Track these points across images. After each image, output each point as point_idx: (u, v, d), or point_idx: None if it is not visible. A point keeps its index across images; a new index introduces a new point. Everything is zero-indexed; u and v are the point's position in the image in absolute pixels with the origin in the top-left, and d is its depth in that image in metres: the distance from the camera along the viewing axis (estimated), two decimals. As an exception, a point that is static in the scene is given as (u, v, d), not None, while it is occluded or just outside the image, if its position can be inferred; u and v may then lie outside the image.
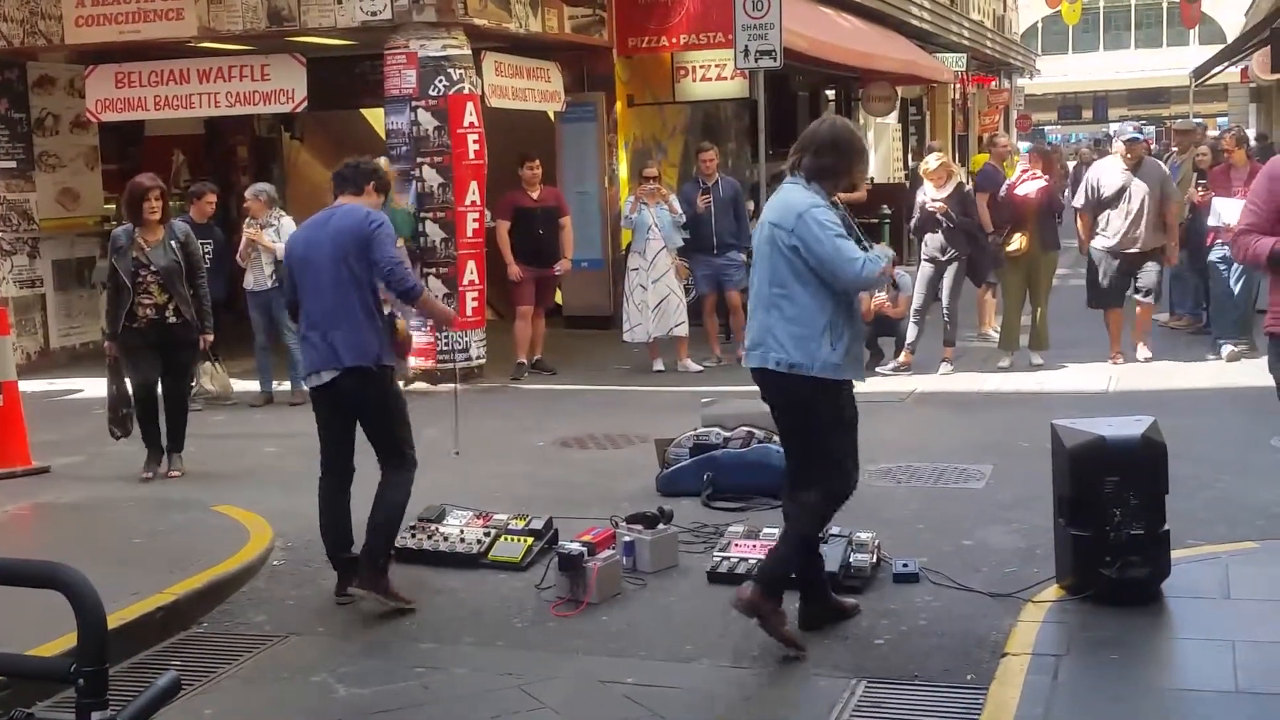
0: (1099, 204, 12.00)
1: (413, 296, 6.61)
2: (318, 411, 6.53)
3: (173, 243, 8.94)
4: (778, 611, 5.54)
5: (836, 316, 5.57)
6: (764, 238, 5.68)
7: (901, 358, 12.32)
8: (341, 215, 6.44)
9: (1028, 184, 12.12)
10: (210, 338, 9.31)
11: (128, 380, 9.01)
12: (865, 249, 5.62)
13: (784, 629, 5.53)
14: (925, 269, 12.35)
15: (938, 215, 12.08)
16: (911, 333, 12.32)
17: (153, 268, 8.81)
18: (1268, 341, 5.44)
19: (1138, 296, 12.27)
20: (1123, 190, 11.83)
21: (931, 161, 12.68)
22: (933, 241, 12.26)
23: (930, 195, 12.23)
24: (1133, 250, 11.92)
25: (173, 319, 8.88)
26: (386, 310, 6.61)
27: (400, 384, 6.89)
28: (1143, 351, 12.33)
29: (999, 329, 13.48)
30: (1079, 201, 12.46)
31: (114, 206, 15.67)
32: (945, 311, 12.32)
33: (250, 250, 11.35)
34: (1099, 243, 12.11)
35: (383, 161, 8.52)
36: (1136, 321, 12.47)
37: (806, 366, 5.52)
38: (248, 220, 11.66)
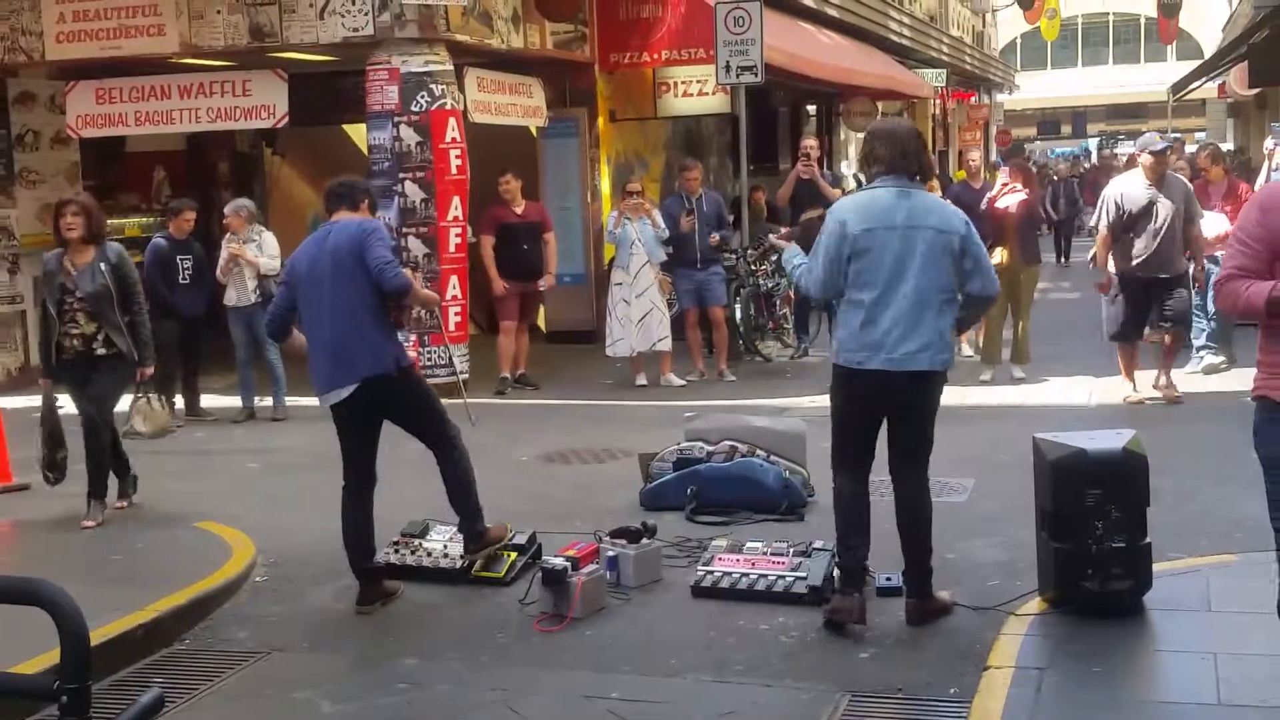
0: (1124, 224, 10.64)
1: (403, 293, 6.63)
2: (339, 425, 6.57)
3: (103, 265, 8.01)
4: (937, 596, 6.00)
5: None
6: (923, 242, 5.74)
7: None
8: (338, 230, 6.52)
9: (1007, 197, 12.16)
10: (149, 371, 8.38)
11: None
12: None
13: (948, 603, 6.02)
14: None
15: None
16: None
17: (78, 294, 7.96)
18: (1256, 405, 4.52)
19: (1165, 325, 10.98)
20: (1149, 208, 10.49)
21: None
22: None
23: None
24: (1162, 275, 10.64)
25: (102, 350, 8.04)
26: None
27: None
28: (1171, 381, 11.21)
29: (973, 342, 13.54)
30: (1100, 222, 10.96)
31: (95, 222, 15.70)
32: None
33: (231, 266, 11.33)
34: (1120, 267, 10.77)
35: None
36: (1165, 351, 11.28)
37: (947, 363, 5.95)
38: (228, 236, 11.63)
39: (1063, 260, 24.31)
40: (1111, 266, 10.85)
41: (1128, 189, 10.73)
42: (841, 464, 6.09)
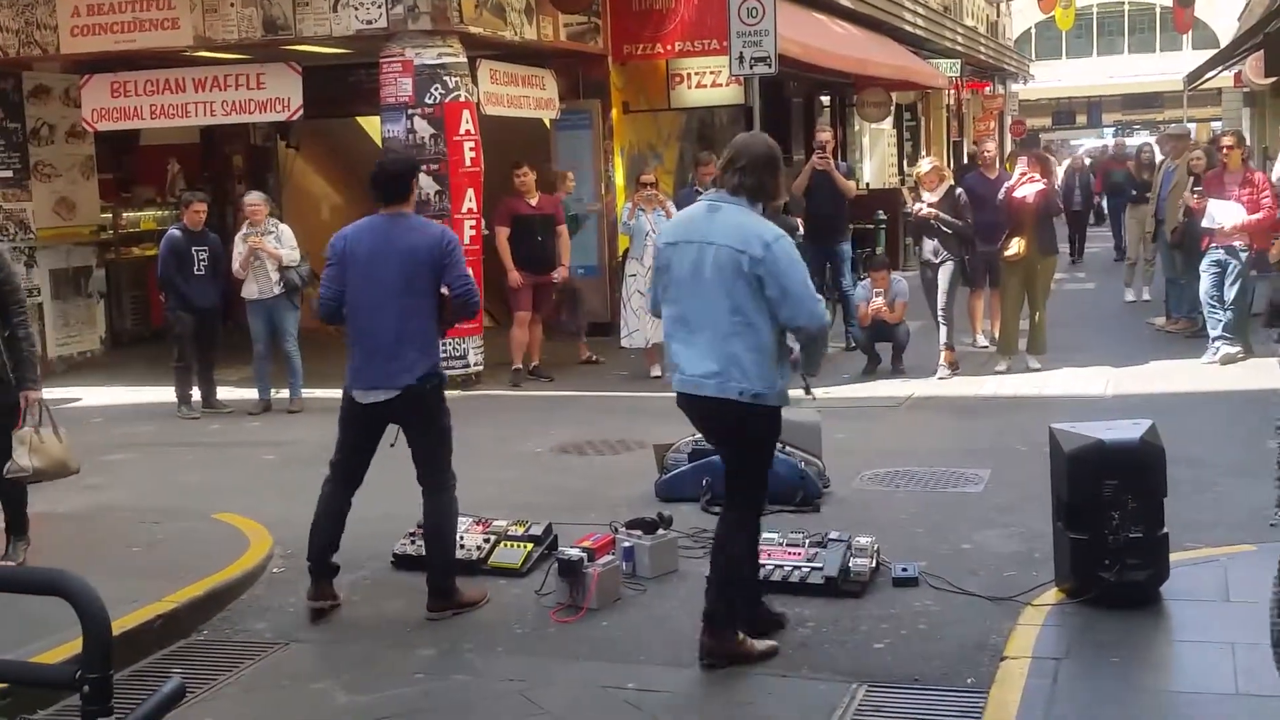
0: None
1: (473, 315, 6.57)
2: (353, 424, 6.41)
3: None
4: (743, 641, 5.48)
5: (782, 346, 5.47)
6: (715, 261, 5.34)
7: (945, 358, 12.27)
8: (409, 230, 6.34)
9: (1026, 187, 12.11)
10: (34, 395, 6.85)
11: None
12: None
13: (757, 649, 5.49)
14: (925, 273, 12.41)
15: (931, 221, 12.10)
16: (943, 333, 12.31)
17: None
18: None
19: None
20: None
21: (924, 165, 12.86)
22: (927, 245, 12.34)
23: (924, 199, 12.30)
24: None
25: None
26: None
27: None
28: None
29: (987, 332, 13.56)
30: None
31: (110, 216, 15.75)
32: (940, 315, 12.31)
33: (251, 259, 11.34)
34: None
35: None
36: None
37: (768, 397, 5.38)
38: (246, 228, 11.63)
39: (1076, 257, 22.93)
40: None
41: None
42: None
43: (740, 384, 5.31)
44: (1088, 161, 26.43)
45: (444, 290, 6.33)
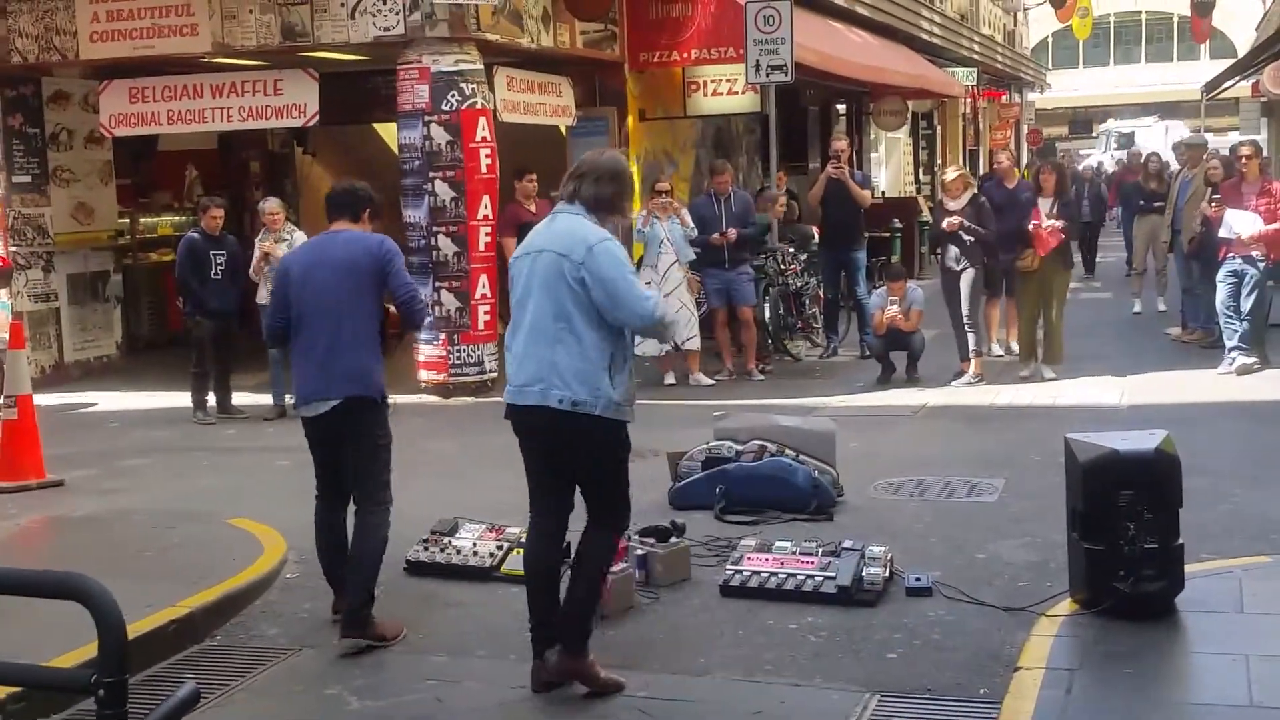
0: None
1: (420, 323, 6.75)
2: (313, 441, 6.39)
3: None
4: (595, 663, 5.39)
5: (618, 353, 5.29)
6: (543, 267, 5.27)
7: (974, 367, 12.27)
8: (349, 243, 6.28)
9: (1049, 227, 12.10)
10: None
11: None
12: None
13: (604, 676, 5.39)
14: (948, 281, 12.37)
15: (956, 230, 12.08)
16: (971, 340, 12.29)
17: None
18: None
19: None
20: None
21: (950, 173, 12.91)
22: (950, 253, 12.33)
23: (948, 206, 12.32)
24: None
25: None
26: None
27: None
28: None
29: (1003, 342, 13.57)
30: None
31: (128, 221, 15.81)
32: (966, 321, 12.27)
33: (264, 265, 11.37)
34: None
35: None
36: None
37: (590, 405, 5.19)
38: (262, 234, 11.67)
39: (1088, 272, 22.25)
40: None
41: None
42: (530, 505, 5.66)
43: (561, 392, 5.20)
44: (1102, 167, 26.27)
45: (388, 305, 6.31)
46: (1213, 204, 12.55)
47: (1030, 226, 12.13)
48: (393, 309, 6.47)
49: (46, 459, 9.22)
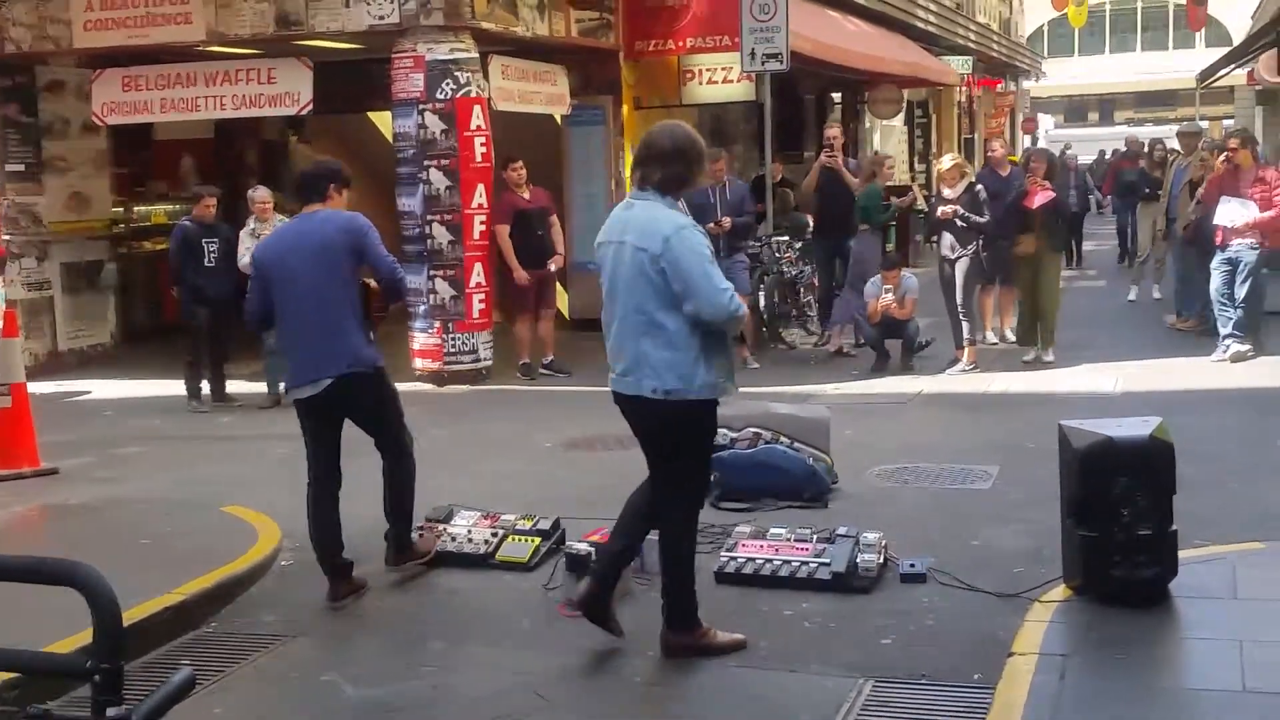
0: None
1: (403, 294, 6.94)
2: (307, 422, 6.50)
3: None
4: (707, 633, 5.55)
5: (709, 335, 5.38)
6: (626, 259, 5.36)
7: (968, 355, 12.31)
8: (323, 223, 6.36)
9: (1040, 196, 12.27)
10: None
11: None
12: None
13: (721, 641, 5.56)
14: (944, 269, 12.40)
15: (955, 217, 12.12)
16: (966, 329, 12.32)
17: None
18: None
19: None
20: None
21: (945, 161, 12.92)
22: (945, 241, 12.35)
23: (944, 194, 12.36)
24: None
25: None
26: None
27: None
28: None
29: (997, 330, 13.61)
30: None
31: (123, 210, 15.79)
32: (960, 310, 12.29)
33: None
34: None
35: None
36: None
37: (684, 391, 5.34)
38: (254, 223, 11.63)
39: (1074, 264, 21.21)
40: None
41: None
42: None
43: (653, 382, 5.34)
44: (1085, 159, 26.10)
45: (369, 281, 6.43)
46: (1196, 200, 12.61)
47: (1015, 199, 12.33)
48: (373, 284, 6.53)
49: (41, 447, 9.22)
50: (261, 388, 11.83)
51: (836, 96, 25.04)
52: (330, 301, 6.26)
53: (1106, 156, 30.47)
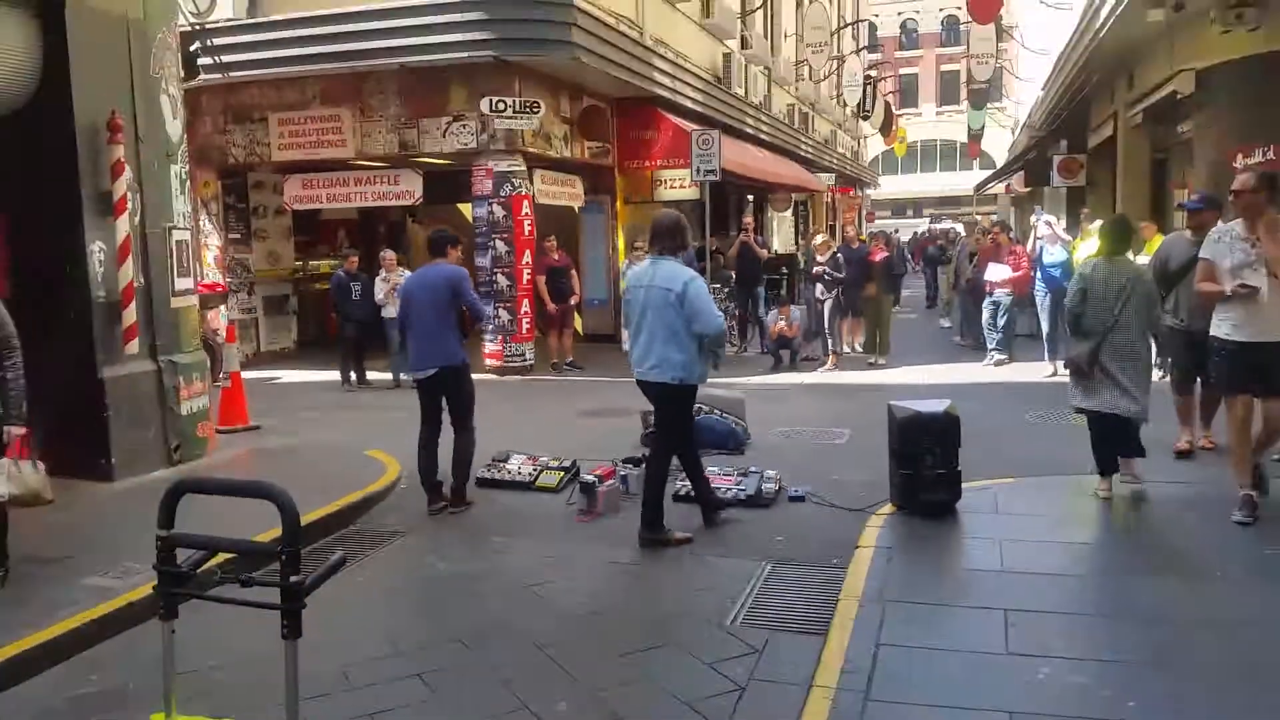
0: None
1: (481, 319, 7.06)
2: (421, 394, 6.54)
3: None
4: (668, 532, 5.62)
5: (701, 348, 5.51)
6: (655, 296, 5.45)
7: (831, 360, 12.28)
8: (438, 271, 6.42)
9: (879, 255, 12.46)
10: (19, 431, 4.83)
11: None
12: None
13: (680, 537, 5.62)
14: (816, 306, 12.52)
15: (823, 274, 12.21)
16: (831, 342, 12.37)
17: None
18: None
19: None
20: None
21: (818, 239, 13.02)
22: (818, 288, 12.41)
23: (816, 260, 12.45)
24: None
25: None
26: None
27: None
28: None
29: (850, 344, 13.62)
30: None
31: (301, 263, 15.68)
32: (827, 331, 12.40)
33: (393, 292, 11.28)
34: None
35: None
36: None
37: (689, 379, 5.49)
38: (384, 272, 11.56)
39: (897, 304, 19.63)
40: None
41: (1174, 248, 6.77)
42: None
43: (674, 372, 5.45)
44: (904, 239, 26.19)
45: (465, 309, 6.53)
46: (972, 267, 12.67)
47: (875, 253, 12.40)
48: (466, 312, 6.64)
49: (250, 412, 9.16)
50: (388, 376, 11.74)
51: (750, 197, 25.04)
52: (439, 320, 6.32)
53: (917, 235, 30.57)
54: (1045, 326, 11.38)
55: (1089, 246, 9.89)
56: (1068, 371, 5.99)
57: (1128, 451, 5.84)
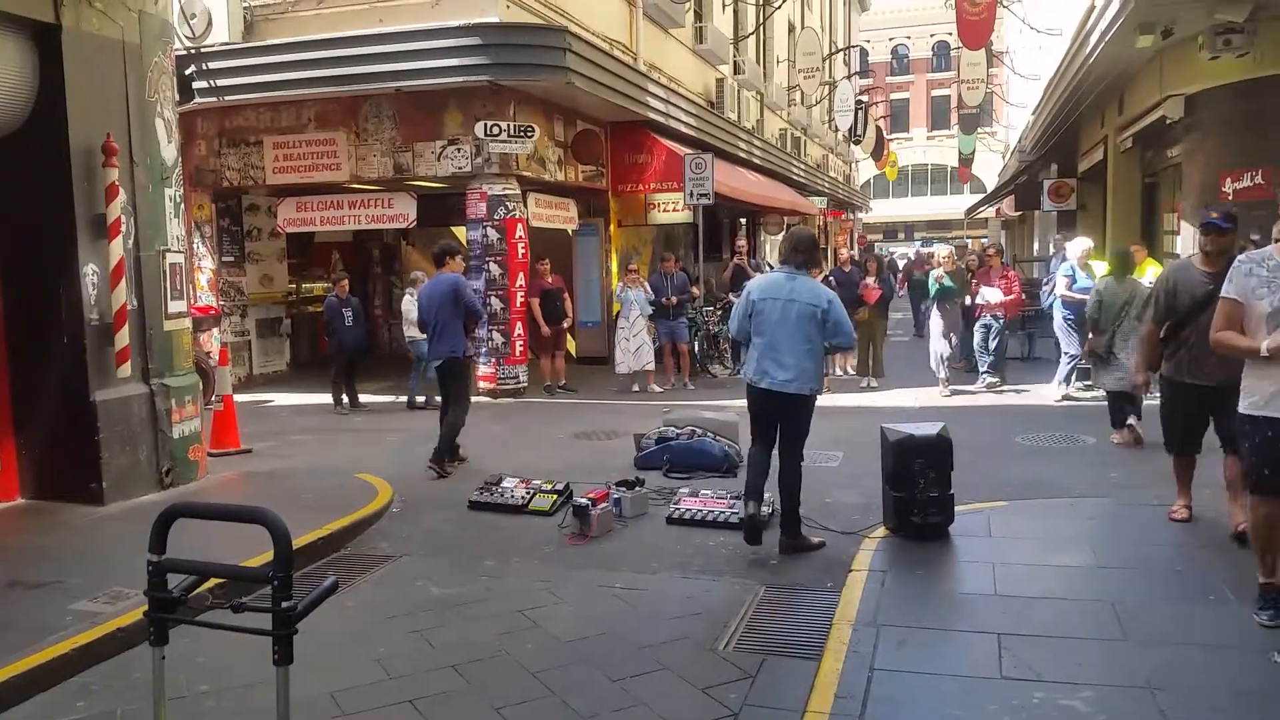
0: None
1: (479, 320, 8.49)
2: (439, 376, 8.00)
3: None
4: (805, 538, 5.82)
5: (824, 359, 5.77)
6: (796, 310, 5.56)
7: (824, 384, 12.29)
8: (442, 279, 7.93)
9: (872, 292, 12.48)
10: None
11: None
12: None
13: (813, 542, 5.80)
14: None
15: None
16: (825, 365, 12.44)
17: None
18: None
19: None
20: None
21: None
22: None
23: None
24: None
25: None
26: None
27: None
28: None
29: (843, 368, 13.65)
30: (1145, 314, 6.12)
31: (294, 286, 15.70)
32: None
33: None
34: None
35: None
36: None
37: (817, 389, 5.71)
38: (412, 290, 11.48)
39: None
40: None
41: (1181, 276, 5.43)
42: (752, 439, 5.98)
43: (811, 384, 5.65)
44: (900, 263, 26.31)
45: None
46: (972, 281, 12.71)
47: (860, 289, 12.34)
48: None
49: (241, 435, 9.13)
50: (384, 398, 11.70)
51: (743, 220, 25.18)
52: (446, 319, 7.78)
53: (912, 256, 30.70)
54: (1070, 349, 10.59)
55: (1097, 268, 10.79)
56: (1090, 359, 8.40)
57: (1134, 411, 8.27)
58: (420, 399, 11.49)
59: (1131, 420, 8.35)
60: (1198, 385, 5.31)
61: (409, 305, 11.46)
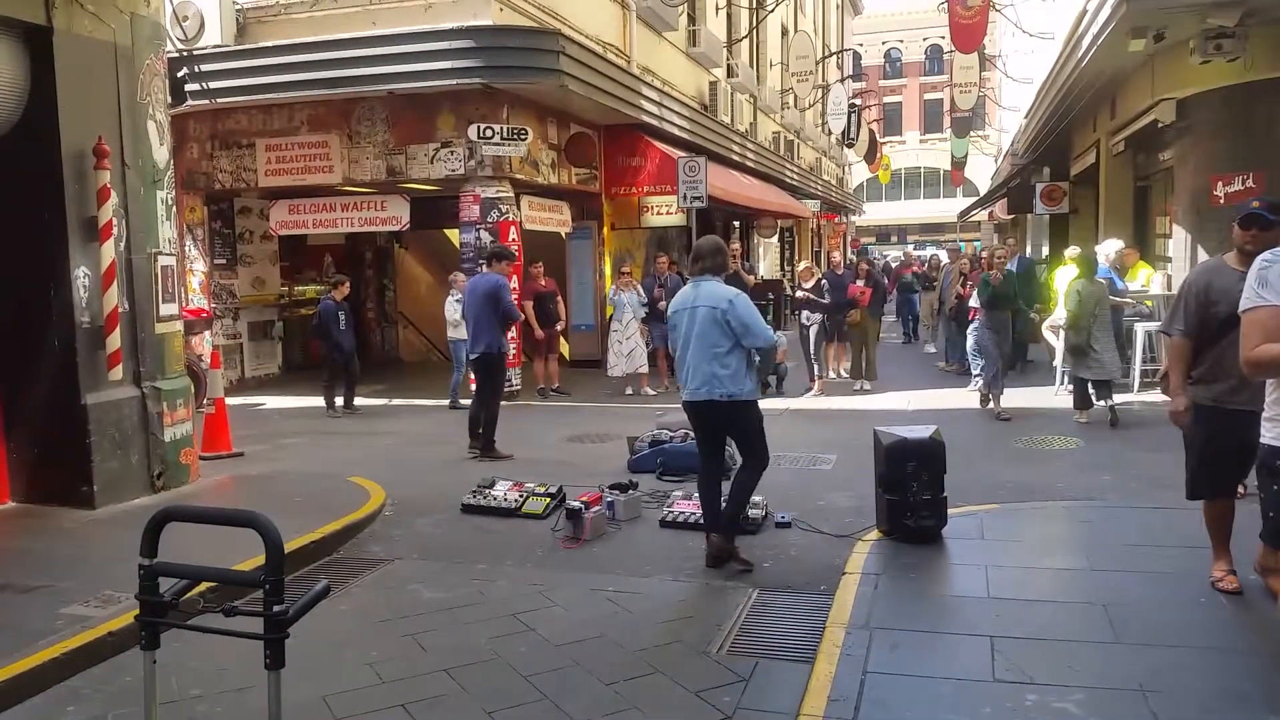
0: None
1: (512, 320, 8.75)
2: (475, 369, 8.59)
3: None
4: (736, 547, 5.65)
5: (749, 361, 5.51)
6: (701, 317, 5.42)
7: (818, 385, 12.34)
8: (484, 278, 8.50)
9: (865, 293, 12.53)
10: None
11: None
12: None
13: (743, 556, 5.61)
14: (803, 331, 12.59)
15: (808, 300, 12.32)
16: (816, 367, 12.43)
17: None
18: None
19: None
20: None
21: (801, 265, 13.11)
22: (804, 314, 12.49)
23: (802, 286, 12.48)
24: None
25: None
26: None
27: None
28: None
29: (835, 370, 13.67)
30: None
31: (286, 288, 15.67)
32: (812, 357, 12.46)
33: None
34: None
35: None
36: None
37: (739, 394, 5.45)
38: (455, 292, 11.50)
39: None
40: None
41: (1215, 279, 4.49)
42: (700, 454, 5.78)
43: (722, 389, 5.41)
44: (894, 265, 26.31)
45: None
46: (964, 286, 12.73)
47: (852, 290, 12.42)
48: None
49: (233, 438, 9.11)
50: (377, 401, 11.67)
51: (736, 223, 25.20)
52: (484, 316, 8.33)
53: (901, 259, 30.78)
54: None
55: (1069, 271, 11.25)
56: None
57: (1105, 394, 9.48)
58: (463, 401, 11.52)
59: (1109, 403, 9.55)
60: (1251, 411, 3.69)
61: (452, 308, 11.51)
